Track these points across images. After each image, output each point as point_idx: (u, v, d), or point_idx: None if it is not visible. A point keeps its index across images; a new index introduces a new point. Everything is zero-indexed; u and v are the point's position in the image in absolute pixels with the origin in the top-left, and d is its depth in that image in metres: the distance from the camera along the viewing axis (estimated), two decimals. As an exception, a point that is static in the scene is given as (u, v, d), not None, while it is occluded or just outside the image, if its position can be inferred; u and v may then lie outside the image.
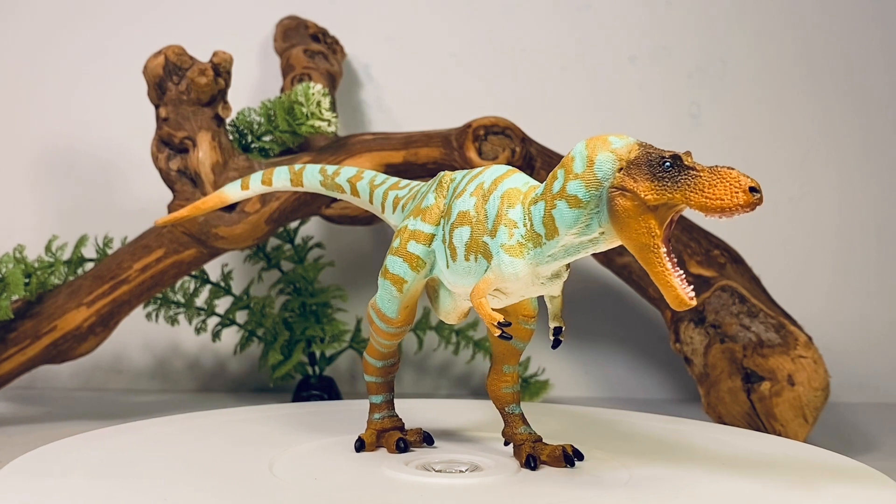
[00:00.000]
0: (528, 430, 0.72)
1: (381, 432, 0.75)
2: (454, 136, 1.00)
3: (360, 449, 0.74)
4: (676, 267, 0.59)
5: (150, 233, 1.00)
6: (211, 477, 0.66)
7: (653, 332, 1.22)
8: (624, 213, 0.59)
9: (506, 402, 0.73)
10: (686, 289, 0.59)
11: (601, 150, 0.61)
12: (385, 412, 0.77)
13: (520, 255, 0.63)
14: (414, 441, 0.75)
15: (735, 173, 0.57)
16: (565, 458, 0.69)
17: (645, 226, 0.59)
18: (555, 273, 0.65)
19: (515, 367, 0.73)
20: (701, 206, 0.57)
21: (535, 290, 0.66)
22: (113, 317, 1.00)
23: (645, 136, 1.30)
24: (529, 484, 0.66)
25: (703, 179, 0.58)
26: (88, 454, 0.71)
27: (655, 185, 0.59)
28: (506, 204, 0.65)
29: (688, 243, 1.01)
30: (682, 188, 0.58)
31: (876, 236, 1.26)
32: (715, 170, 0.58)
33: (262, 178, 0.80)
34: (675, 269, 0.59)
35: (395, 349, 0.76)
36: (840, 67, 1.26)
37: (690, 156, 0.59)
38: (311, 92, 0.98)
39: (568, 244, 0.62)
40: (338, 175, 0.79)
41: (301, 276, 1.12)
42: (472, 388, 1.23)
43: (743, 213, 0.57)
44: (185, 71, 0.95)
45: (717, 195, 0.57)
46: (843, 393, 1.16)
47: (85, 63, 1.25)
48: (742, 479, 0.68)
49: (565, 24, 1.26)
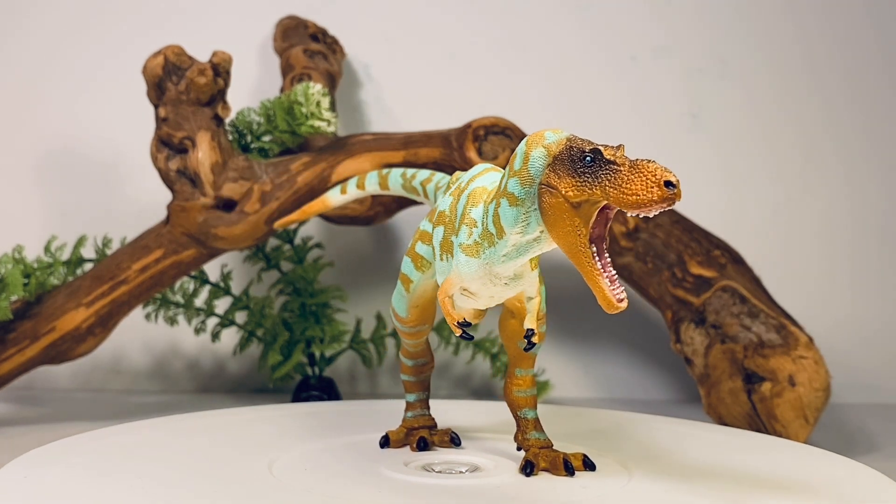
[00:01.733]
0: (537, 436, 0.70)
1: (410, 430, 0.76)
2: (454, 136, 1.00)
3: (384, 445, 0.75)
4: (608, 267, 0.57)
5: (149, 233, 1.00)
6: (210, 477, 0.66)
7: (653, 332, 1.22)
8: (550, 210, 0.57)
9: (518, 405, 0.71)
10: (615, 291, 0.56)
11: (535, 146, 0.58)
12: (417, 411, 0.77)
13: (475, 254, 0.62)
14: (440, 441, 0.75)
15: (652, 167, 0.54)
16: (565, 466, 0.68)
17: (570, 224, 0.56)
18: (516, 273, 0.62)
19: (528, 371, 0.71)
20: (618, 201, 0.54)
21: (501, 291, 0.63)
22: (112, 317, 1.00)
23: (645, 136, 1.31)
24: (529, 485, 0.66)
25: (622, 174, 0.54)
26: (87, 454, 0.71)
27: (576, 181, 0.56)
28: (470, 203, 0.63)
29: (688, 243, 1.00)
30: (602, 184, 0.55)
31: (877, 236, 1.26)
32: (635, 163, 0.54)
33: (357, 183, 0.84)
34: (605, 270, 0.56)
35: (425, 349, 0.76)
36: (840, 67, 1.26)
37: (616, 149, 0.56)
38: (310, 92, 0.98)
39: (517, 243, 0.60)
40: (414, 178, 0.79)
41: (301, 277, 1.12)
42: (471, 389, 1.23)
43: (659, 209, 0.54)
44: (184, 71, 0.95)
45: (634, 190, 0.54)
46: (844, 393, 1.16)
47: (85, 63, 1.25)
48: (742, 480, 0.68)
49: (565, 24, 1.26)
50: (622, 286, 0.57)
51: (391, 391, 1.24)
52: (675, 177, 0.54)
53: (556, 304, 1.01)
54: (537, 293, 0.66)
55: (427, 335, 0.75)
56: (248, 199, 0.96)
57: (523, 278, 0.63)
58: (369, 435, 0.79)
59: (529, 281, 0.64)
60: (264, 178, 0.98)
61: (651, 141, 1.26)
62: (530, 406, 0.71)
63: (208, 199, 0.96)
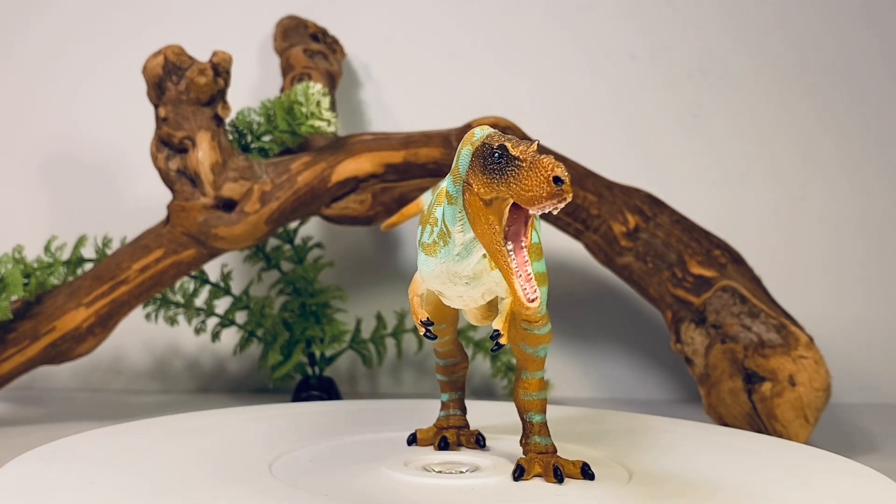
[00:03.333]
0: (538, 441, 0.68)
1: (440, 429, 0.75)
2: (454, 136, 1.00)
3: (411, 443, 0.75)
4: (524, 266, 0.55)
5: (149, 233, 1.00)
6: (210, 477, 0.66)
7: (653, 332, 1.22)
8: (469, 208, 0.56)
9: (524, 409, 0.69)
10: (527, 290, 0.55)
11: (465, 144, 0.58)
12: (448, 410, 0.76)
13: (433, 253, 0.62)
14: (467, 442, 0.75)
15: (545, 162, 0.53)
16: (555, 472, 0.66)
17: (486, 221, 0.56)
18: (475, 273, 0.61)
19: (533, 374, 0.69)
20: (518, 198, 0.53)
21: (465, 290, 0.63)
22: (112, 317, 1.00)
23: (645, 136, 1.30)
24: (529, 485, 0.66)
25: (522, 170, 0.53)
26: (87, 454, 0.71)
27: (486, 178, 0.55)
28: (436, 201, 0.63)
29: (689, 243, 1.00)
30: (507, 180, 0.54)
31: (877, 236, 1.26)
32: (535, 159, 0.53)
33: None
34: (520, 269, 0.55)
35: (453, 349, 0.75)
36: (840, 67, 1.26)
37: (528, 145, 0.55)
38: (310, 92, 0.98)
39: (463, 242, 0.59)
40: None
41: (301, 277, 1.12)
42: (471, 389, 1.23)
43: (552, 206, 0.53)
44: (184, 71, 0.95)
45: (529, 186, 0.53)
46: (844, 393, 1.16)
47: (85, 63, 1.25)
48: (742, 480, 0.68)
49: (565, 23, 1.26)
50: (535, 287, 0.55)
51: (391, 391, 1.24)
52: (564, 172, 0.53)
53: (556, 304, 1.01)
54: (507, 294, 0.63)
55: (451, 335, 0.74)
56: (248, 199, 0.96)
57: (482, 278, 0.62)
58: (369, 435, 0.80)
59: (493, 281, 0.62)
60: (264, 178, 0.98)
61: (651, 141, 1.26)
62: (535, 410, 0.69)
63: (208, 199, 0.96)
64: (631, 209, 1.01)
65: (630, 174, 1.09)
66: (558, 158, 1.02)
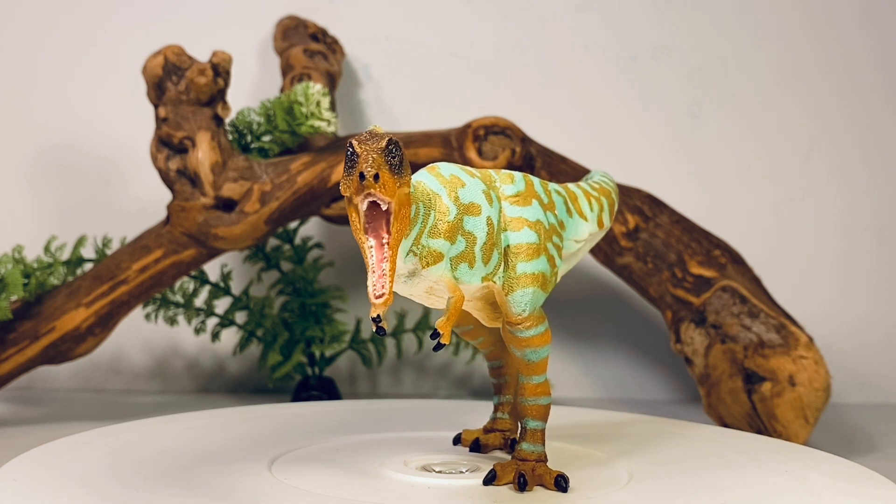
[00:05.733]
0: (524, 447, 0.66)
1: (486, 432, 0.75)
2: (454, 136, 1.00)
3: (455, 443, 0.75)
4: (382, 262, 0.56)
5: (149, 233, 1.00)
6: (210, 477, 0.66)
7: (653, 332, 1.22)
8: (346, 205, 0.58)
9: (519, 413, 0.68)
10: (376, 286, 0.56)
11: None
12: (496, 413, 0.76)
13: None
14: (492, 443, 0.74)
15: (360, 158, 0.55)
16: (519, 479, 0.64)
17: (350, 216, 0.57)
18: (410, 271, 0.61)
19: (528, 378, 0.67)
20: (344, 193, 0.56)
21: (408, 288, 0.63)
22: (112, 317, 1.00)
23: (645, 136, 1.30)
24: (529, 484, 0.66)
25: (350, 167, 0.56)
26: (87, 454, 0.71)
27: (344, 174, 0.57)
28: None
29: (688, 243, 1.00)
30: (348, 176, 0.56)
31: (877, 236, 1.26)
32: (356, 155, 0.55)
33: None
34: (375, 265, 0.56)
35: (494, 351, 0.74)
36: (840, 67, 1.26)
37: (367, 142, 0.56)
38: (310, 92, 0.98)
39: None
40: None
41: (300, 277, 1.12)
42: (471, 389, 1.23)
43: (362, 201, 0.55)
44: (184, 71, 0.95)
45: (348, 183, 0.55)
46: (844, 393, 1.16)
47: (84, 62, 1.25)
48: (742, 480, 0.68)
49: (565, 24, 1.26)
50: (386, 283, 0.56)
51: (391, 391, 1.24)
52: (368, 167, 0.54)
53: (556, 304, 1.01)
54: (451, 291, 0.62)
55: (485, 336, 0.73)
56: (248, 199, 0.96)
57: (417, 276, 0.62)
58: (369, 435, 0.80)
59: (431, 278, 0.62)
60: (264, 178, 0.98)
61: (651, 141, 1.26)
62: (530, 415, 0.67)
63: (208, 199, 0.96)
64: (631, 209, 1.01)
65: (630, 174, 1.09)
66: (559, 158, 1.02)
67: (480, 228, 0.63)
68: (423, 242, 0.61)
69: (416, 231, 0.60)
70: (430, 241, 0.61)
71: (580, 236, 0.72)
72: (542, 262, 0.66)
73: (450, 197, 0.63)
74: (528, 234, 0.66)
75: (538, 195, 0.68)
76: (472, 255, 0.63)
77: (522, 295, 0.65)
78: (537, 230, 0.66)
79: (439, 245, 0.61)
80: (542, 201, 0.68)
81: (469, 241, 0.63)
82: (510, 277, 0.65)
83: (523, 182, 0.68)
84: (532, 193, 0.68)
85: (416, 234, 0.60)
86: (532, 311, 0.65)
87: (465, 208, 0.63)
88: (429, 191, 0.62)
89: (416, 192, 0.60)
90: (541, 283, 0.66)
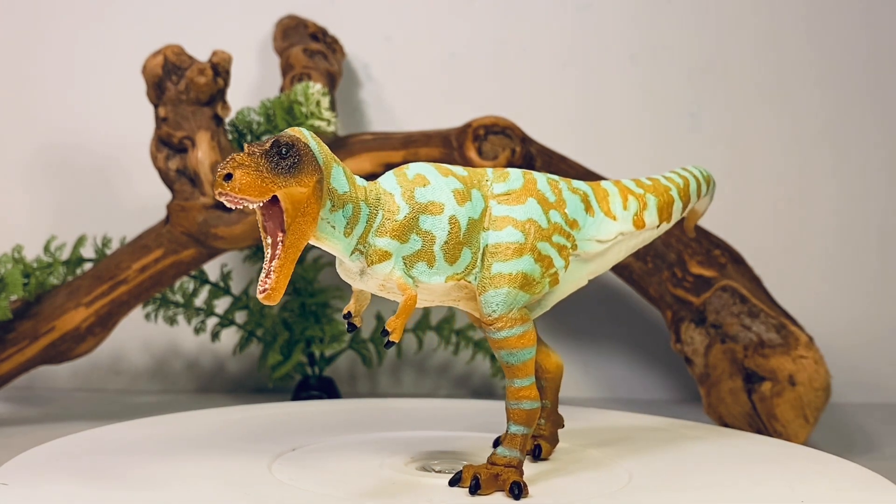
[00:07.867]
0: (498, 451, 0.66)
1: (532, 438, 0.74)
2: (454, 135, 1.00)
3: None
4: (273, 260, 0.57)
5: (149, 233, 1.00)
6: (210, 477, 0.66)
7: (653, 332, 1.22)
8: None
9: (507, 415, 0.67)
10: (262, 282, 0.57)
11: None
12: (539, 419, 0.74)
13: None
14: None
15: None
16: (473, 481, 0.64)
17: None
18: (359, 269, 0.63)
19: (511, 382, 0.66)
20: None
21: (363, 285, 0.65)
22: (112, 317, 1.00)
23: (645, 136, 1.30)
24: (528, 485, 0.66)
25: None
26: (87, 454, 0.71)
27: None
28: None
29: (688, 243, 1.00)
30: None
31: (877, 236, 1.25)
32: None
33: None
34: (266, 263, 0.57)
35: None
36: (841, 67, 1.26)
37: (260, 143, 0.58)
38: (310, 91, 0.98)
39: None
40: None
41: (300, 277, 1.12)
42: (471, 389, 1.23)
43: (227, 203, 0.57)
44: (184, 70, 0.95)
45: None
46: (844, 393, 1.16)
47: (84, 62, 1.25)
48: (742, 481, 0.68)
49: (565, 24, 1.26)
50: (269, 281, 0.57)
51: (391, 391, 1.24)
52: (221, 168, 0.56)
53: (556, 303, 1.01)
54: (401, 290, 0.63)
55: None
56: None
57: (367, 274, 0.63)
58: (369, 435, 0.80)
59: (378, 276, 0.63)
60: (264, 177, 0.97)
61: (651, 141, 1.25)
62: (512, 419, 0.66)
63: (208, 199, 0.96)
64: (631, 209, 1.01)
65: (630, 174, 1.09)
66: (559, 158, 1.02)
67: (440, 227, 0.63)
68: (370, 241, 0.62)
69: (360, 230, 0.62)
70: (377, 240, 0.62)
71: (604, 236, 0.70)
72: (526, 261, 0.65)
73: (403, 197, 0.63)
74: (511, 234, 0.65)
75: (539, 193, 0.67)
76: (430, 254, 0.63)
77: (494, 295, 0.65)
78: (524, 229, 0.66)
79: (385, 244, 0.62)
80: (545, 199, 0.67)
81: (426, 239, 0.63)
82: (485, 277, 0.65)
83: (521, 180, 0.67)
84: (529, 191, 0.67)
85: (362, 233, 0.62)
86: (505, 311, 0.65)
87: (422, 207, 0.63)
88: (381, 191, 0.63)
89: (365, 192, 0.62)
90: (519, 283, 0.65)
